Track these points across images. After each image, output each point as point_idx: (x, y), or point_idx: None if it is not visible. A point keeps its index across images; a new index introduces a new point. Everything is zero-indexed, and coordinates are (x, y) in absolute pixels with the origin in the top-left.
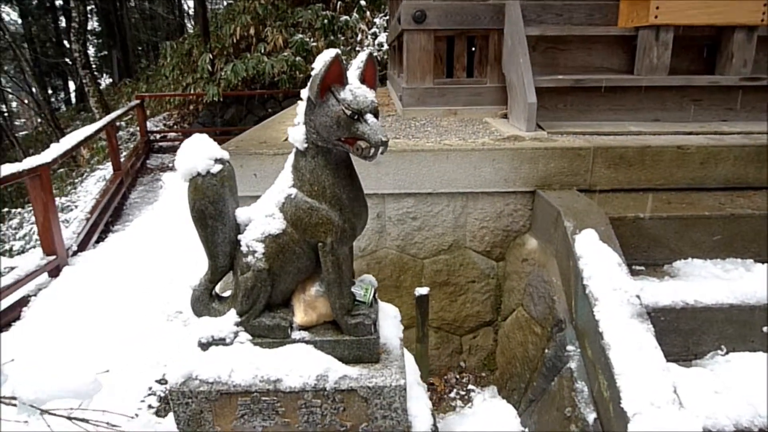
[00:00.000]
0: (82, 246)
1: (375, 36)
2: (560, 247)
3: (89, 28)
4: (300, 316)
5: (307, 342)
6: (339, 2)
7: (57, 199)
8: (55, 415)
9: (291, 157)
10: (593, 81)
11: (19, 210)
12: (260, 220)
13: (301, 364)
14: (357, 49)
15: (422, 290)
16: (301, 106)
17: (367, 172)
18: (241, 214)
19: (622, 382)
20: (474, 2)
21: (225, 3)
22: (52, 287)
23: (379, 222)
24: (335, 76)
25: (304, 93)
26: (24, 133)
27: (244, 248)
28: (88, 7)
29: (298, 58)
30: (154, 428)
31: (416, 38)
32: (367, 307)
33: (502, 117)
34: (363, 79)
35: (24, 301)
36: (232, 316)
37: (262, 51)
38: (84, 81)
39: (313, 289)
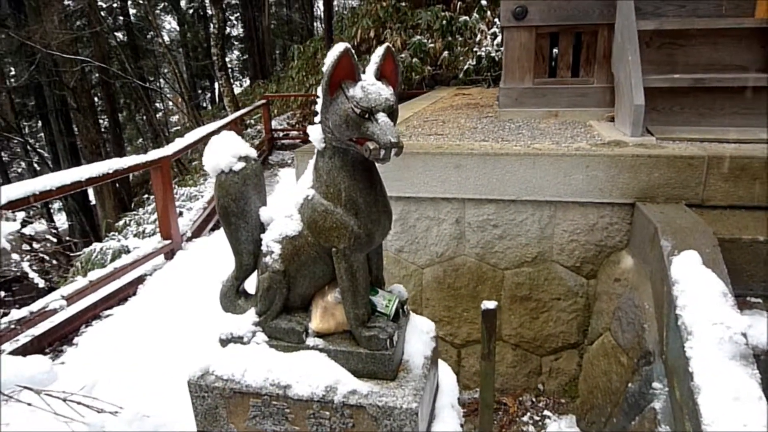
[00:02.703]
0: (197, 233)
1: (495, 36)
2: (655, 268)
3: (234, 34)
4: (316, 322)
5: (320, 350)
6: (459, 2)
7: (187, 188)
8: (51, 396)
9: (314, 157)
10: (718, 80)
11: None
12: (280, 220)
13: (312, 373)
14: (474, 49)
15: (489, 304)
16: (319, 104)
17: (446, 175)
18: (265, 213)
19: None
20: None
21: (351, 6)
22: (165, 269)
23: (458, 227)
24: (346, 71)
25: (320, 89)
26: (175, 129)
27: (264, 248)
28: (234, 15)
29: (414, 60)
30: (141, 421)
31: (516, 36)
32: (386, 319)
33: (609, 120)
34: (380, 76)
35: (141, 280)
36: (251, 315)
37: None
38: (220, 82)
39: (332, 296)
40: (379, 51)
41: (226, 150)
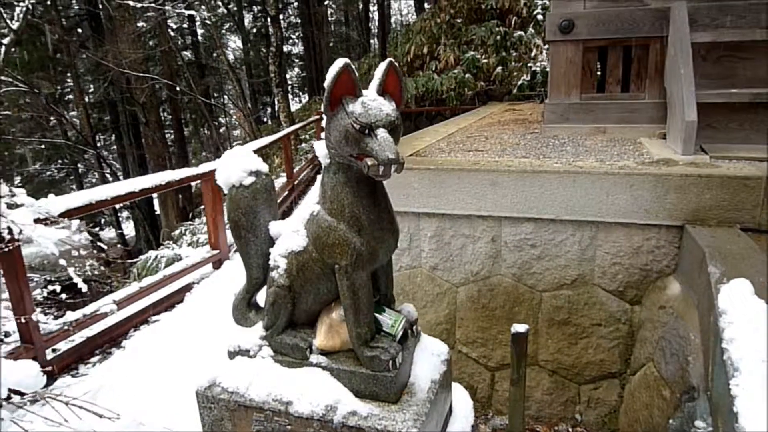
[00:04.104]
0: None
1: None
2: (702, 297)
3: (294, 52)
4: (320, 339)
5: (323, 368)
6: (514, 18)
7: None
8: (55, 399)
9: (321, 172)
10: None
11: None
12: (287, 235)
13: (313, 391)
14: (529, 65)
15: (520, 327)
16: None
17: (483, 192)
18: (274, 227)
19: None
20: (632, 8)
21: (406, 23)
22: (212, 277)
23: (494, 246)
24: (346, 86)
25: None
26: (236, 143)
27: (271, 262)
28: (295, 34)
29: (467, 75)
30: (136, 428)
31: (562, 50)
32: (391, 340)
33: (661, 137)
34: (383, 91)
35: (188, 287)
36: (258, 329)
37: (434, 69)
38: (277, 98)
39: (337, 313)
40: (382, 66)
41: (237, 165)
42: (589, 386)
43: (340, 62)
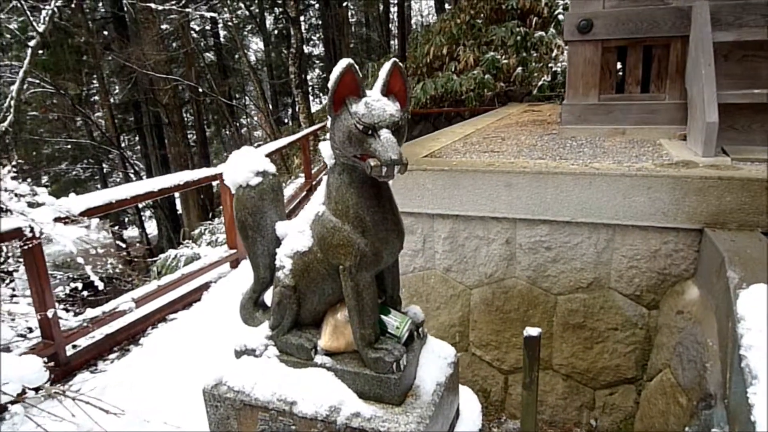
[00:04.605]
0: None
1: None
2: (721, 302)
3: (315, 53)
4: (325, 340)
5: (328, 368)
6: (535, 18)
7: None
8: (62, 394)
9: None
10: None
11: None
12: (293, 235)
13: (317, 391)
14: (549, 65)
15: (532, 331)
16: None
17: (497, 194)
18: (280, 228)
19: None
20: (653, 7)
21: (426, 24)
22: (229, 277)
23: (508, 248)
24: (350, 87)
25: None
26: (257, 144)
27: (277, 262)
28: (316, 35)
29: (487, 76)
30: (141, 426)
31: (580, 50)
32: (394, 342)
33: (681, 139)
34: (388, 92)
35: (206, 286)
36: (264, 328)
37: (453, 69)
38: (297, 99)
39: (342, 314)
40: (386, 67)
41: (244, 165)
42: (604, 391)
43: (343, 62)
